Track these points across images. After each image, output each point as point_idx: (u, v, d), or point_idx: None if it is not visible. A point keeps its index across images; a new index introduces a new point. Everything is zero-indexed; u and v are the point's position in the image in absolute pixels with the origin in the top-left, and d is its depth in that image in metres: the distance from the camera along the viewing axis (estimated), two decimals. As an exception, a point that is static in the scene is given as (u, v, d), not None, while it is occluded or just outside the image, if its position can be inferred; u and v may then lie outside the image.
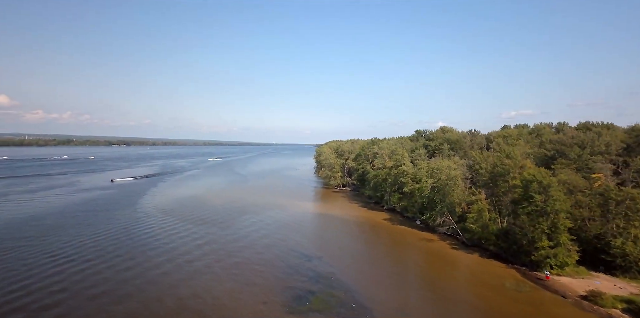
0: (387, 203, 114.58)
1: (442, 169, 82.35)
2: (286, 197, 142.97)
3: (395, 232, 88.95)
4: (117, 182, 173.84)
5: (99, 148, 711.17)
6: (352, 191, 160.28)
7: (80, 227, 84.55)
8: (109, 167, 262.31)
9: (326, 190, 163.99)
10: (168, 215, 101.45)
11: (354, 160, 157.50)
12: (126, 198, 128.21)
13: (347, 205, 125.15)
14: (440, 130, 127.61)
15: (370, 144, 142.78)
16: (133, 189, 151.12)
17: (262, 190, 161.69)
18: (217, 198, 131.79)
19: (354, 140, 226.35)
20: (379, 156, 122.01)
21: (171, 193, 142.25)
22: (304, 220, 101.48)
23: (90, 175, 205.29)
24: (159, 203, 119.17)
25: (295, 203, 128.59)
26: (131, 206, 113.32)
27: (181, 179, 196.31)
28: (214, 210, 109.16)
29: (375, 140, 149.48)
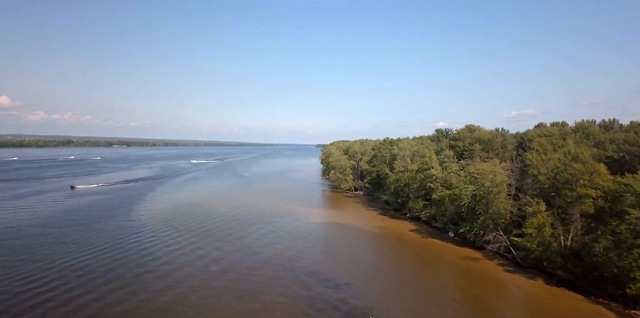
0: (411, 211, 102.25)
1: (485, 174, 69.99)
2: (295, 202, 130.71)
3: (428, 247, 76.41)
4: (101, 189, 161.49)
5: (99, 149, 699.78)
6: (365, 195, 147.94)
7: (64, 244, 72.11)
8: (107, 169, 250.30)
9: (337, 195, 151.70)
10: (167, 225, 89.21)
11: (368, 162, 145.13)
12: (121, 205, 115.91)
13: (363, 213, 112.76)
14: (466, 129, 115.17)
15: (386, 144, 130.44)
16: (129, 194, 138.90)
17: (269, 194, 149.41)
18: (221, 205, 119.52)
19: (363, 141, 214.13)
20: (399, 158, 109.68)
21: (171, 199, 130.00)
22: (320, 232, 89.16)
23: (83, 178, 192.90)
24: (158, 211, 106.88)
25: (307, 210, 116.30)
26: (125, 215, 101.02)
27: (182, 182, 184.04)
28: (219, 220, 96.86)
29: (392, 140, 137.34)
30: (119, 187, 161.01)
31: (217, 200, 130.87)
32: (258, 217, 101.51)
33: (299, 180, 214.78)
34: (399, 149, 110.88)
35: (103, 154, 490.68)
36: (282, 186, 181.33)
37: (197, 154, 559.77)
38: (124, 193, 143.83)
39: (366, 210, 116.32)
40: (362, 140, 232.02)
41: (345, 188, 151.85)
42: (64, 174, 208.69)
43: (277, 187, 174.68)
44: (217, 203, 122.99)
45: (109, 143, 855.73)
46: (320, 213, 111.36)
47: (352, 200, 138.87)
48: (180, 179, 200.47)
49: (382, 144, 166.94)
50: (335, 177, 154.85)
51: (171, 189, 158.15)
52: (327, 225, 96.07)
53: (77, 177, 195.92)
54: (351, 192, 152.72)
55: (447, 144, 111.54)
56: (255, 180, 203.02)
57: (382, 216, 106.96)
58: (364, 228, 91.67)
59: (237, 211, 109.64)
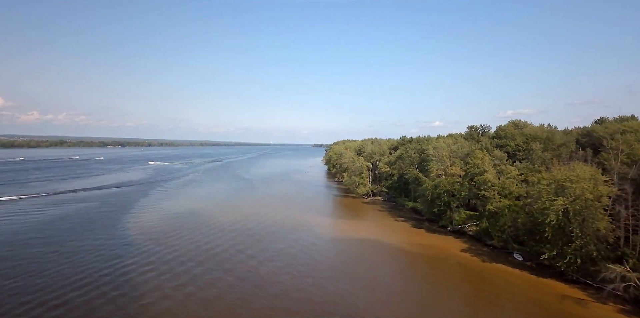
0: (452, 224, 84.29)
1: (580, 182, 52.00)
2: (307, 210, 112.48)
3: (492, 275, 58.01)
4: (87, 195, 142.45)
5: (93, 149, 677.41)
6: (385, 201, 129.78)
7: (31, 277, 53.39)
8: (98, 171, 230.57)
9: (352, 200, 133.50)
10: (161, 245, 70.87)
11: (388, 164, 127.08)
12: (106, 216, 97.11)
13: (392, 224, 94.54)
14: (511, 125, 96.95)
15: (413, 144, 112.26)
16: (118, 201, 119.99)
17: (276, 200, 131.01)
18: (224, 215, 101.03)
19: (374, 140, 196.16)
20: (435, 159, 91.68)
21: (165, 208, 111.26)
22: (348, 253, 70.69)
23: (69, 182, 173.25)
24: (149, 224, 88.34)
25: (322, 221, 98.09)
26: (111, 229, 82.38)
27: (178, 186, 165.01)
28: (222, 236, 78.38)
29: (418, 139, 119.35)
30: (108, 192, 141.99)
31: (218, 208, 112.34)
32: (266, 232, 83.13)
33: (305, 183, 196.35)
34: (434, 148, 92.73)
35: (102, 154, 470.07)
36: (288, 190, 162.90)
37: (194, 154, 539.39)
38: (113, 199, 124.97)
39: (394, 221, 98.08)
40: (373, 139, 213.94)
41: (361, 193, 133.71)
42: (51, 177, 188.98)
43: (283, 192, 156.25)
44: (218, 213, 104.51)
45: (103, 143, 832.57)
46: (339, 226, 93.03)
47: (371, 207, 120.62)
48: (177, 182, 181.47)
49: (401, 143, 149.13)
50: (350, 181, 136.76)
51: (166, 195, 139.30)
52: (355, 243, 77.59)
53: (66, 181, 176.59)
54: (368, 198, 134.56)
55: (489, 143, 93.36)
56: (257, 183, 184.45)
57: (417, 229, 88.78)
58: (400, 247, 73.40)
59: (240, 223, 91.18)
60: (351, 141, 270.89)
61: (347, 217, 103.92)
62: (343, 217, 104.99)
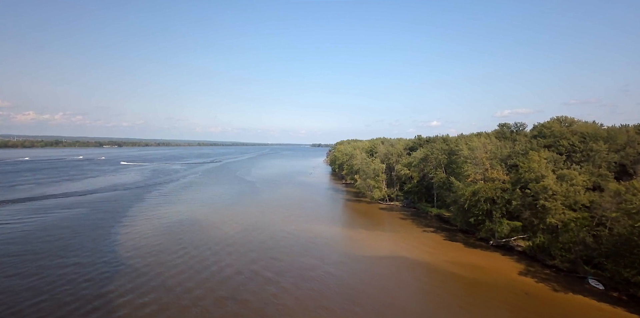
0: (495, 237, 72.35)
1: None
2: (321, 218, 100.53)
3: (581, 314, 46.05)
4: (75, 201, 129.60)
5: (89, 150, 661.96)
6: (404, 207, 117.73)
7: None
8: (92, 173, 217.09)
9: (368, 206, 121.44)
10: (161, 265, 58.78)
11: (408, 165, 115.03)
12: (95, 226, 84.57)
13: (422, 237, 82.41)
14: (556, 122, 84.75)
15: (439, 143, 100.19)
16: (110, 207, 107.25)
17: (284, 206, 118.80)
18: (230, 225, 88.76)
19: (384, 139, 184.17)
20: (469, 161, 79.75)
21: (161, 216, 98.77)
22: (384, 276, 58.20)
23: (60, 185, 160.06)
24: (143, 237, 75.90)
25: (344, 232, 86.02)
26: (101, 245, 69.83)
27: (176, 190, 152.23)
28: (232, 253, 66.09)
29: (447, 138, 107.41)
30: (100, 196, 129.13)
31: (222, 216, 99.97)
32: (281, 247, 70.89)
33: (312, 186, 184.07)
34: (470, 149, 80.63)
35: (102, 154, 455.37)
36: (295, 194, 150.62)
37: (192, 154, 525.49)
38: (105, 205, 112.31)
39: (423, 232, 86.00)
40: (382, 138, 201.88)
41: (377, 198, 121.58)
42: (40, 179, 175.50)
43: (289, 196, 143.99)
44: (223, 222, 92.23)
45: (99, 143, 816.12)
46: (362, 238, 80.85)
47: (391, 214, 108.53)
48: (174, 185, 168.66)
49: (418, 142, 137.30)
50: (365, 184, 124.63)
51: (163, 200, 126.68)
52: (384, 261, 65.34)
53: (57, 184, 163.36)
54: (385, 203, 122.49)
55: (533, 143, 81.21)
56: (261, 186, 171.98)
57: (451, 242, 76.75)
58: (443, 267, 61.22)
59: (251, 236, 78.90)
60: (356, 141, 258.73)
61: (368, 227, 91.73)
62: (364, 226, 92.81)
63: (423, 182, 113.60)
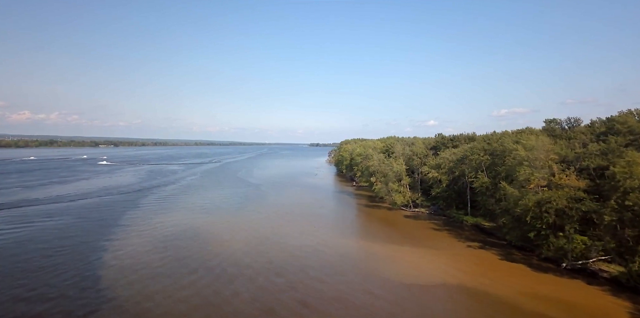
0: (567, 258, 58.46)
1: None
2: (342, 230, 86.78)
3: None
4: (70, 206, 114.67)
5: (84, 149, 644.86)
6: (432, 214, 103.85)
7: None
8: (85, 174, 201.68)
9: (390, 214, 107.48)
10: (157, 300, 43.89)
11: (436, 167, 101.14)
12: (82, 241, 69.88)
13: (469, 255, 68.26)
14: (629, 115, 70.66)
15: (480, 142, 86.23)
16: (100, 216, 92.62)
17: (295, 213, 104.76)
18: (236, 239, 74.40)
19: (399, 138, 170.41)
20: (526, 164, 65.84)
21: (157, 226, 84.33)
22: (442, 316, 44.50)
23: (47, 189, 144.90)
24: (140, 257, 61.31)
25: (373, 248, 71.81)
26: (84, 267, 55.15)
27: (174, 194, 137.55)
28: (248, 280, 51.48)
29: (487, 136, 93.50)
30: (90, 202, 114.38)
31: (227, 227, 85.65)
32: (304, 273, 56.56)
33: (320, 189, 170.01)
34: (528, 149, 66.65)
35: (102, 154, 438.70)
36: (304, 198, 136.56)
37: (189, 154, 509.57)
38: (94, 214, 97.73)
39: (467, 248, 71.84)
40: (398, 137, 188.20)
41: (399, 204, 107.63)
42: (28, 182, 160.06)
43: (298, 200, 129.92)
44: (229, 235, 77.97)
45: (95, 143, 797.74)
46: (398, 257, 66.68)
47: (420, 224, 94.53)
48: (172, 188, 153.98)
49: (441, 141, 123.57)
50: (386, 189, 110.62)
51: (160, 206, 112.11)
52: (433, 292, 51.04)
53: (45, 187, 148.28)
54: (409, 210, 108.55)
55: (596, 141, 67.35)
56: (266, 189, 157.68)
57: (511, 263, 62.65)
58: (516, 304, 46.61)
59: (264, 256, 64.45)
60: (363, 140, 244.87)
61: (399, 241, 77.63)
62: (393, 240, 78.69)
63: (454, 186, 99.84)
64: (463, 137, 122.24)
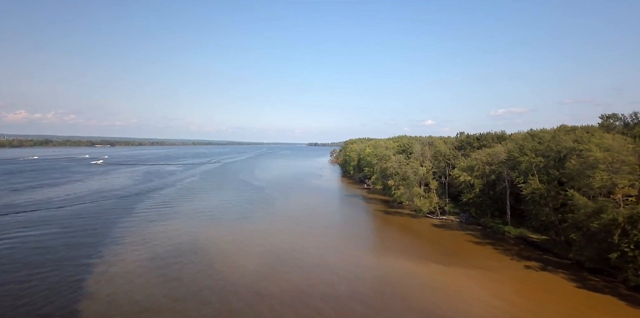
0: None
1: None
2: (365, 243, 74.79)
3: None
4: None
5: (80, 149, 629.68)
6: (463, 223, 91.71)
7: None
8: (78, 175, 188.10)
9: (415, 222, 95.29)
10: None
11: (469, 170, 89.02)
12: (61, 256, 57.25)
13: (536, 281, 55.67)
14: None
15: (530, 141, 73.90)
16: (87, 226, 79.75)
17: (308, 221, 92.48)
18: (242, 255, 61.77)
19: (414, 138, 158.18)
20: (602, 168, 53.75)
21: (153, 237, 71.67)
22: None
23: (33, 193, 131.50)
24: (130, 281, 48.63)
25: (409, 269, 59.31)
26: (58, 295, 42.54)
27: (172, 198, 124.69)
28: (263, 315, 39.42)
29: (544, 133, 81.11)
30: (79, 209, 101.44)
31: (232, 240, 72.91)
32: (337, 304, 44.19)
33: (329, 192, 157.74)
34: (606, 149, 54.55)
35: (102, 153, 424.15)
36: (314, 203, 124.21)
37: (187, 154, 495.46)
38: (81, 223, 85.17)
39: (526, 270, 59.36)
40: (408, 137, 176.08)
41: (425, 211, 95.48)
42: (15, 184, 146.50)
43: (309, 206, 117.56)
44: (234, 250, 65.36)
45: (91, 143, 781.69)
46: (440, 282, 54.45)
47: (453, 235, 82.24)
48: (170, 191, 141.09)
49: (467, 141, 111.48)
50: (407, 194, 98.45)
51: (157, 213, 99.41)
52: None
53: (31, 190, 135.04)
54: (436, 217, 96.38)
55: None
56: (271, 192, 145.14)
57: (594, 294, 49.97)
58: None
59: (279, 278, 51.96)
60: (371, 139, 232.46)
61: (437, 258, 65.10)
62: (429, 257, 66.22)
63: (489, 192, 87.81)
64: (490, 136, 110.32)
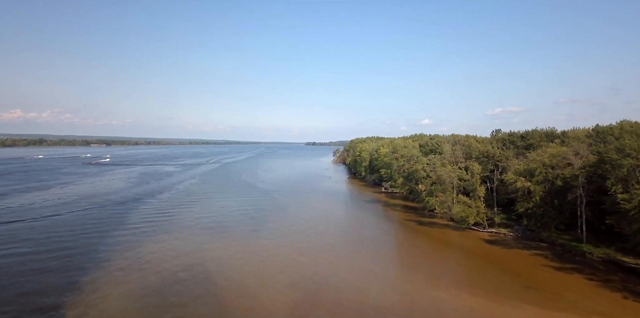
0: None
1: None
2: (416, 269, 58.36)
3: None
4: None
5: (75, 148, 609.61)
6: (520, 238, 76.11)
7: None
8: (68, 177, 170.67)
9: (461, 236, 79.63)
10: None
11: (528, 175, 73.45)
12: (31, 289, 40.45)
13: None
14: None
15: (628, 138, 58.49)
16: (71, 241, 63.24)
17: (332, 236, 76.81)
18: (261, 286, 45.42)
19: (438, 136, 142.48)
20: None
21: (149, 257, 55.27)
22: None
23: (16, 198, 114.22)
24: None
25: (494, 311, 43.77)
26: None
27: (170, 205, 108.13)
28: None
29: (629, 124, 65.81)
30: (62, 220, 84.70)
31: (245, 263, 56.48)
32: None
33: (344, 196, 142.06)
34: None
35: (100, 153, 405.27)
36: (333, 211, 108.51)
37: (185, 153, 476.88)
38: (62, 240, 68.45)
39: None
40: (426, 135, 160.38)
41: (471, 223, 79.90)
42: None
43: (327, 215, 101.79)
44: (250, 279, 49.07)
45: (86, 142, 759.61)
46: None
47: (520, 256, 66.33)
48: (169, 196, 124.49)
49: (507, 138, 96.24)
50: (449, 202, 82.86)
51: (152, 224, 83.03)
52: None
53: (17, 195, 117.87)
54: (484, 230, 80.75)
55: None
56: (280, 197, 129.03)
57: None
58: None
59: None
60: (381, 138, 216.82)
61: (527, 297, 49.15)
62: (514, 294, 50.29)
63: (552, 200, 72.32)
64: (538, 134, 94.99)
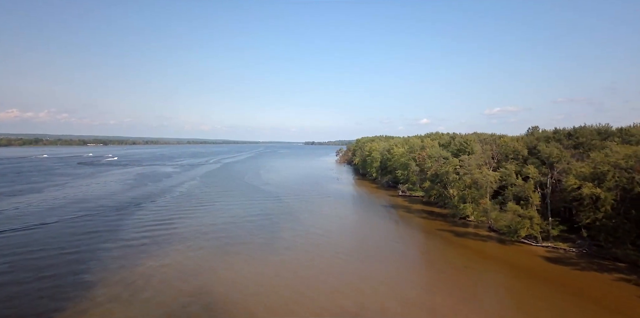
0: None
1: None
2: (470, 300, 45.27)
3: None
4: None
5: (72, 148, 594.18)
6: (587, 255, 63.66)
7: None
8: (60, 178, 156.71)
9: (513, 251, 67.00)
10: None
11: (595, 180, 60.96)
12: None
13: None
14: None
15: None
16: (48, 260, 50.01)
17: (359, 250, 64.31)
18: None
19: (447, 135, 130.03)
20: None
21: (144, 283, 42.02)
22: None
23: (3, 201, 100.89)
24: None
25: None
26: None
27: (168, 212, 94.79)
28: None
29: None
30: (48, 231, 71.31)
31: (259, 291, 43.32)
32: None
33: (359, 200, 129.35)
34: None
35: (101, 152, 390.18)
36: (352, 219, 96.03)
37: (184, 153, 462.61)
38: (44, 257, 55.11)
39: None
40: (440, 134, 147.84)
41: (521, 236, 67.38)
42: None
43: (347, 223, 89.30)
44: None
45: (83, 142, 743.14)
46: None
47: (596, 279, 54.00)
48: (168, 200, 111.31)
49: (551, 136, 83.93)
50: (492, 211, 70.30)
51: (150, 235, 69.96)
52: None
53: (1, 199, 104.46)
54: (537, 243, 68.21)
55: None
56: (290, 201, 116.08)
57: None
58: None
59: None
60: (392, 138, 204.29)
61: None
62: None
63: (628, 210, 59.96)
64: (588, 131, 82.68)
